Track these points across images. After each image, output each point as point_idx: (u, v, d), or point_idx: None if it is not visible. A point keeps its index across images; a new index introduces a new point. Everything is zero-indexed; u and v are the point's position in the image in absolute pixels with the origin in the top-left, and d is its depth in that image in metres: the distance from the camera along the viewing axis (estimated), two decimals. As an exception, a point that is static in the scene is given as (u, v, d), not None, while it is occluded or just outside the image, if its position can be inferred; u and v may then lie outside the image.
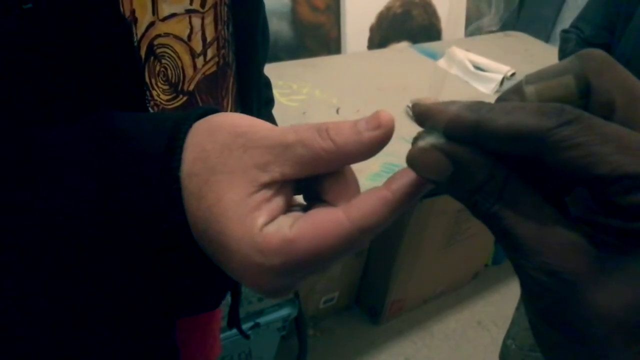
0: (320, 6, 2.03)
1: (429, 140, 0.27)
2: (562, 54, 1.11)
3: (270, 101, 0.98)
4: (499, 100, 0.28)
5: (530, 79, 0.28)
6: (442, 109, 0.26)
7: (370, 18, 2.15)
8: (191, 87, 0.47)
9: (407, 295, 1.87)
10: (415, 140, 0.28)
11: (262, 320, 1.39)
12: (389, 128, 0.31)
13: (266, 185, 0.30)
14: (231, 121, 0.32)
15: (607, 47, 1.00)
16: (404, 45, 2.23)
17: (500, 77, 1.87)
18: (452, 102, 0.26)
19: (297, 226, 0.29)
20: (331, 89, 1.66)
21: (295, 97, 1.56)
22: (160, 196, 0.31)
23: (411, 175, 0.30)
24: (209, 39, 0.47)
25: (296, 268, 0.29)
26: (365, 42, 2.17)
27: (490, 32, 2.63)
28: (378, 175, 1.33)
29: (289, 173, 0.30)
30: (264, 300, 1.41)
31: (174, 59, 0.44)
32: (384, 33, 2.22)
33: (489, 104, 0.25)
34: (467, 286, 2.11)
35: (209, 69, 0.49)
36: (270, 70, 0.96)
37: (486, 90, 1.87)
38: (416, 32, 2.33)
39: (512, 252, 0.25)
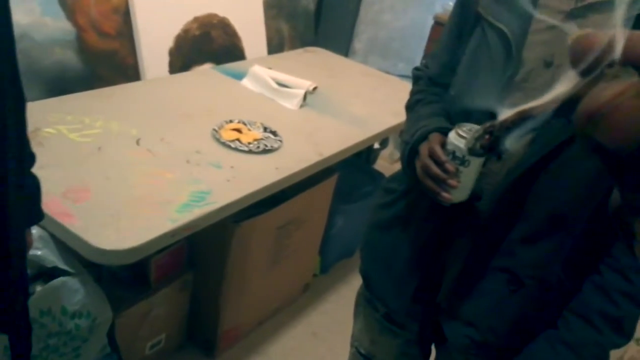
0: (110, 32, 1.91)
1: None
2: (411, 94, 1.07)
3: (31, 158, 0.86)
4: None
5: None
6: None
7: (168, 42, 2.08)
8: None
9: (240, 321, 1.82)
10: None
11: (75, 384, 1.24)
12: None
13: None
14: None
15: (448, 87, 0.97)
16: (207, 67, 2.19)
17: (302, 92, 1.93)
18: None
19: None
20: (130, 119, 1.56)
21: (88, 132, 1.43)
22: None
23: None
24: None
25: None
26: (166, 67, 2.09)
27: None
28: (187, 206, 1.27)
29: None
30: (79, 358, 1.26)
31: None
32: (185, 56, 2.16)
33: None
34: (300, 299, 2.13)
35: None
36: (57, 104, 0.86)
37: (291, 105, 1.91)
38: (219, 53, 2.30)
39: None
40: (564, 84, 0.25)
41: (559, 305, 0.90)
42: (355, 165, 2.34)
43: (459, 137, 0.81)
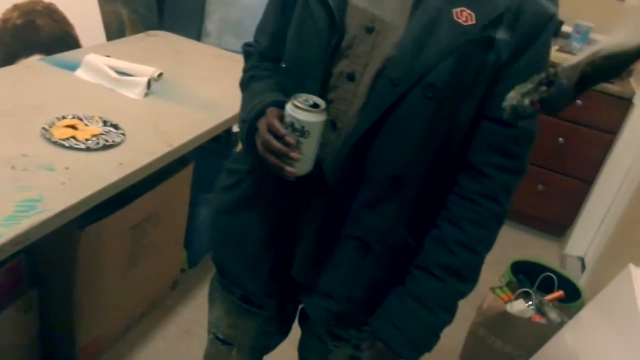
0: None
1: None
2: (244, 72, 1.03)
3: None
4: None
5: None
6: None
7: (-17, 33, 1.83)
8: None
9: (101, 333, 1.69)
10: None
11: None
12: None
13: None
14: None
15: (280, 61, 0.94)
16: (34, 59, 1.97)
17: (146, 79, 1.80)
18: None
19: None
20: (-64, 124, 1.35)
21: None
22: None
23: None
24: None
25: None
26: (-16, 62, 1.85)
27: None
28: (13, 218, 1.12)
29: None
30: None
31: None
32: (7, 49, 1.92)
33: None
34: (168, 298, 2.03)
35: None
36: None
37: (134, 95, 1.77)
38: (48, 43, 2.08)
39: None
40: None
41: (409, 265, 0.93)
42: (213, 151, 2.26)
43: (295, 109, 0.80)
